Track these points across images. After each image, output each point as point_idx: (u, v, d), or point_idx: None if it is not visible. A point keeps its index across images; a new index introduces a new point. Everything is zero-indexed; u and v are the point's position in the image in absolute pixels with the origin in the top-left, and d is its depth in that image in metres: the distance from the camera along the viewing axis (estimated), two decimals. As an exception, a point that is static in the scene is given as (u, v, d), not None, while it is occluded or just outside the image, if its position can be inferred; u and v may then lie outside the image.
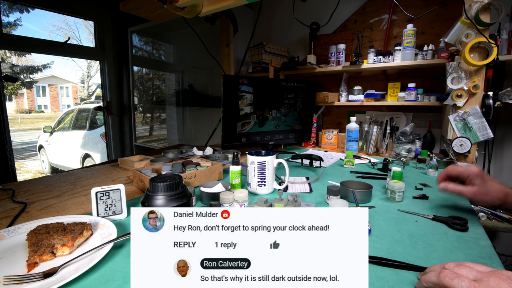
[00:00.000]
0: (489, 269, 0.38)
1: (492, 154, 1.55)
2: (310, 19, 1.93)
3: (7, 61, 10.56)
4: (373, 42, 1.88)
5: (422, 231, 0.64)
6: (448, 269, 0.40)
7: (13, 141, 2.35)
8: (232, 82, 1.24)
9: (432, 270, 0.43)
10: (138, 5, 1.43)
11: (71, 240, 0.54)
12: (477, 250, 0.56)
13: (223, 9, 1.15)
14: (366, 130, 1.61)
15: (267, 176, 0.89)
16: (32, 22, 22.41)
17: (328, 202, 0.82)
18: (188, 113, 3.11)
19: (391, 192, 0.84)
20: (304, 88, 1.53)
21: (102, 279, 0.47)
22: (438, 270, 0.41)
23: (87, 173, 1.20)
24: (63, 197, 0.90)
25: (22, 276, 0.46)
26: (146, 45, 3.36)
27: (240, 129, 1.31)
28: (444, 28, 1.58)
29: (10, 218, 0.73)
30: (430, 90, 1.63)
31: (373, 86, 1.85)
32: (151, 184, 0.68)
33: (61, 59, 22.58)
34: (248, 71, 2.12)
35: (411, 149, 1.40)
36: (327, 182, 1.04)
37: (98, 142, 3.98)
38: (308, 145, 1.88)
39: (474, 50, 1.25)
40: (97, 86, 15.29)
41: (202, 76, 2.96)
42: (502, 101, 1.30)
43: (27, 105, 17.06)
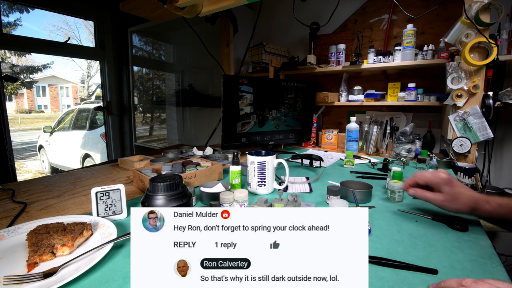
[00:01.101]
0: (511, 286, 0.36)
1: (492, 154, 1.55)
2: (310, 19, 1.93)
3: (7, 61, 10.56)
4: (373, 42, 1.88)
5: (422, 231, 0.64)
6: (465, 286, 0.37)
7: (13, 141, 2.35)
8: (232, 82, 1.24)
9: (448, 285, 0.40)
10: (138, 5, 1.43)
11: (71, 240, 0.54)
12: (477, 250, 0.56)
13: (223, 9, 1.15)
14: (366, 130, 1.61)
15: (267, 176, 0.89)
16: (32, 22, 22.44)
17: (328, 202, 0.82)
18: (188, 113, 3.11)
19: (391, 192, 0.84)
20: (304, 88, 1.53)
21: (102, 279, 0.47)
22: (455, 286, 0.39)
23: (87, 173, 1.20)
24: (63, 197, 0.90)
25: (22, 276, 0.46)
26: (146, 45, 3.36)
27: (240, 129, 1.31)
28: (444, 28, 1.58)
29: (10, 218, 0.73)
30: (430, 90, 1.63)
31: (373, 86, 1.85)
32: (151, 184, 0.68)
33: (61, 59, 22.58)
34: (248, 71, 2.12)
35: (411, 149, 1.40)
36: (327, 182, 1.04)
37: (98, 142, 3.98)
38: (308, 145, 1.88)
39: (474, 50, 1.25)
40: (97, 86, 15.29)
41: (202, 76, 2.96)
42: (502, 101, 1.29)
43: (27, 105, 17.06)
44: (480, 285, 0.37)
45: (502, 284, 0.37)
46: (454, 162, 1.29)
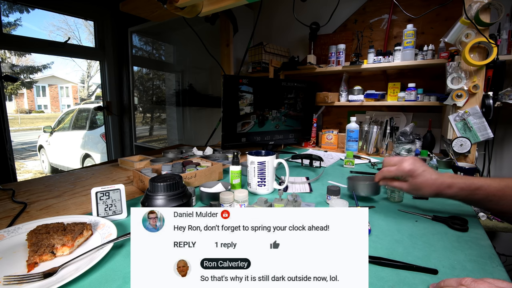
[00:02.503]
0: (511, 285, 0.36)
1: (492, 154, 1.55)
2: (310, 19, 1.93)
3: (7, 61, 10.55)
4: (373, 42, 1.88)
5: (422, 231, 0.64)
6: (465, 285, 0.38)
7: (13, 141, 2.35)
8: (232, 82, 1.24)
9: (447, 285, 0.41)
10: (138, 5, 1.43)
11: (71, 240, 0.54)
12: (477, 250, 0.56)
13: (223, 9, 1.15)
14: (366, 130, 1.61)
15: (267, 176, 0.89)
16: (32, 22, 22.41)
17: (328, 202, 0.82)
18: (188, 113, 3.11)
19: (391, 192, 0.84)
20: (304, 88, 1.53)
21: (102, 279, 0.47)
22: (455, 285, 0.39)
23: (87, 173, 1.20)
24: (63, 197, 0.90)
25: (22, 276, 0.46)
26: (146, 45, 3.36)
27: (240, 129, 1.31)
28: (444, 28, 1.58)
29: (10, 218, 0.73)
30: (430, 90, 1.63)
31: (373, 86, 1.85)
32: (151, 184, 0.68)
33: (61, 59, 22.61)
34: (248, 71, 2.12)
35: (411, 149, 1.40)
36: (327, 182, 1.04)
37: (98, 142, 3.98)
38: (308, 145, 1.88)
39: (474, 50, 1.25)
40: (97, 86, 15.29)
41: (202, 76, 2.95)
42: (502, 101, 1.30)
43: (27, 105, 17.05)
44: (479, 284, 0.37)
45: (502, 283, 0.37)
46: (454, 162, 1.29)
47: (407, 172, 0.65)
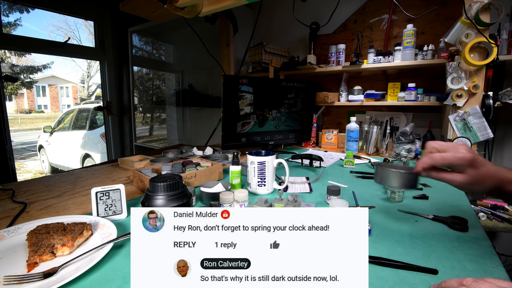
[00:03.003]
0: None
1: (492, 154, 1.55)
2: (310, 19, 1.93)
3: (7, 61, 10.55)
4: (373, 42, 1.88)
5: (422, 231, 0.64)
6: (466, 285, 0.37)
7: (13, 141, 2.35)
8: (232, 82, 1.24)
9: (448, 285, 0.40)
10: (138, 5, 1.43)
11: (71, 240, 0.54)
12: (477, 250, 0.56)
13: (223, 9, 1.15)
14: (366, 130, 1.61)
15: (267, 176, 0.89)
16: (32, 22, 22.40)
17: (328, 202, 0.82)
18: (188, 113, 3.11)
19: (391, 192, 0.84)
20: (304, 88, 1.53)
21: (102, 279, 0.47)
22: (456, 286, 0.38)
23: (87, 173, 1.20)
24: (63, 197, 0.90)
25: (22, 276, 0.46)
26: (146, 45, 3.36)
27: (240, 129, 1.31)
28: (444, 28, 1.58)
29: (10, 218, 0.73)
30: (430, 90, 1.63)
31: (373, 86, 1.85)
32: (151, 184, 0.68)
33: (61, 59, 22.60)
34: (248, 71, 2.12)
35: (411, 149, 1.40)
36: (327, 182, 1.04)
37: (98, 142, 3.98)
38: (308, 145, 1.88)
39: (474, 50, 1.25)
40: (97, 86, 15.28)
41: (202, 76, 2.95)
42: (502, 101, 1.29)
43: (27, 105, 17.05)
44: (480, 284, 0.36)
45: (503, 283, 0.37)
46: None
47: (469, 160, 0.49)
